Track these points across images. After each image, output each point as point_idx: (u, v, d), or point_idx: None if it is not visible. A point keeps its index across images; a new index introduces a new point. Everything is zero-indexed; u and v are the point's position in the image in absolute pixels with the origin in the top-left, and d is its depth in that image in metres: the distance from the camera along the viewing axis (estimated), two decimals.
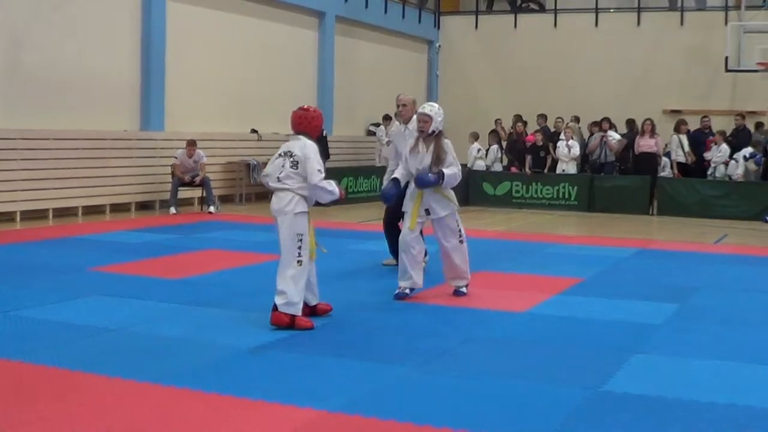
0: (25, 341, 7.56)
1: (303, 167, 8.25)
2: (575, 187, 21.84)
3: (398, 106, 11.52)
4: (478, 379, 6.59)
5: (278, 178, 8.35)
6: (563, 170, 22.13)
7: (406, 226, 9.81)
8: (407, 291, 9.72)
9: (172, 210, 18.65)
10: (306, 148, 8.35)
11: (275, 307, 8.16)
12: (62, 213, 17.69)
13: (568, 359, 7.30)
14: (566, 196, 21.92)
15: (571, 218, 20.50)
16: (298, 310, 8.19)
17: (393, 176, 10.05)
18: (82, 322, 8.34)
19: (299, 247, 8.26)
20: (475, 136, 24.01)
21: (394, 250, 11.45)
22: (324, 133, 22.85)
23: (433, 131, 9.64)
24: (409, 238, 9.72)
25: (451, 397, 6.17)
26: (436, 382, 6.53)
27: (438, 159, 9.61)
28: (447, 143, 9.75)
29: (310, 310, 8.55)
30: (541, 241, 15.55)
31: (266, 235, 14.56)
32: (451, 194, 9.94)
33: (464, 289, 9.98)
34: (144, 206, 19.72)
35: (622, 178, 22.01)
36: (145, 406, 5.85)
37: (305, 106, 8.73)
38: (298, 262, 8.24)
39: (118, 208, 18.99)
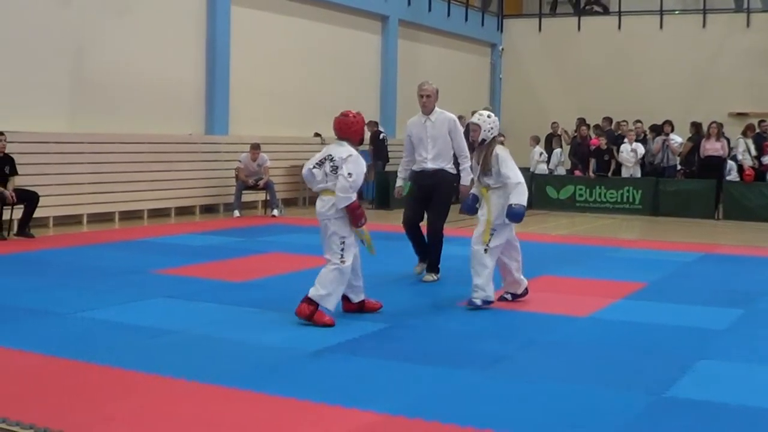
0: (90, 342, 7.65)
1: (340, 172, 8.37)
2: (639, 191, 21.65)
3: (421, 96, 11.00)
4: (539, 384, 6.55)
5: (319, 181, 8.52)
6: (630, 174, 21.93)
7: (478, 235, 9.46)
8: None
9: (236, 213, 18.78)
10: (345, 154, 8.44)
11: (304, 298, 8.38)
12: (128, 216, 17.90)
13: (630, 364, 7.23)
14: (630, 199, 21.74)
15: (635, 222, 20.32)
16: (327, 303, 8.36)
17: (471, 192, 9.81)
18: (145, 323, 8.43)
19: (342, 249, 8.43)
20: (536, 140, 23.93)
21: (420, 251, 11.46)
22: (382, 135, 22.91)
23: (484, 140, 9.38)
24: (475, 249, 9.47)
25: (511, 401, 6.15)
26: (496, 386, 6.51)
27: (485, 167, 9.35)
28: (497, 154, 9.31)
29: (358, 306, 8.79)
30: (605, 245, 15.43)
31: None
32: (493, 206, 9.42)
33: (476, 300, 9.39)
34: (208, 209, 19.88)
35: (687, 181, 21.77)
36: (208, 407, 5.90)
37: (346, 112, 8.75)
38: (342, 262, 8.42)
39: (182, 211, 19.17)
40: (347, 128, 8.64)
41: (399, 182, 11.65)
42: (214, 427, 5.55)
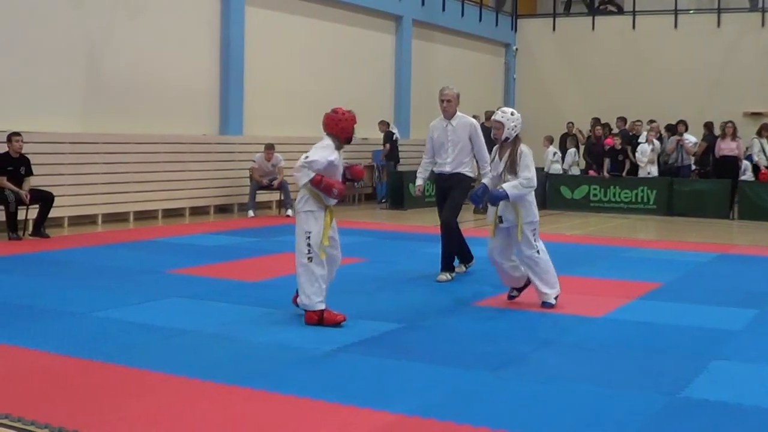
0: (105, 342, 7.67)
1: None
2: (654, 191, 21.60)
3: (442, 101, 11.15)
4: (553, 384, 6.54)
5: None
6: (648, 173, 21.87)
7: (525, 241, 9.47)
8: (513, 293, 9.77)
9: (251, 213, 18.82)
10: (316, 144, 8.46)
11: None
12: (142, 216, 17.95)
13: (645, 365, 7.21)
14: (645, 199, 21.70)
15: (650, 222, 20.28)
16: (318, 305, 8.35)
17: (482, 181, 9.79)
18: (160, 323, 8.45)
19: (308, 245, 8.36)
20: (550, 140, 23.91)
21: (461, 253, 11.54)
22: (395, 137, 22.90)
23: (507, 138, 9.34)
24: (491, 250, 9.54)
25: (526, 402, 6.14)
26: (511, 386, 6.50)
27: (512, 166, 9.26)
28: (522, 151, 9.33)
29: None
30: (619, 245, 15.40)
31: (344, 238, 14.61)
32: (524, 207, 9.40)
33: (553, 301, 9.54)
34: (222, 209, 19.92)
35: (702, 181, 21.71)
36: (222, 407, 5.91)
37: (336, 108, 8.71)
38: (308, 259, 8.36)
39: (197, 211, 19.22)
40: (334, 124, 8.59)
41: (419, 181, 11.71)
42: (228, 427, 5.56)
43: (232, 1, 20.13)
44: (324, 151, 8.37)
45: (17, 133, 14.50)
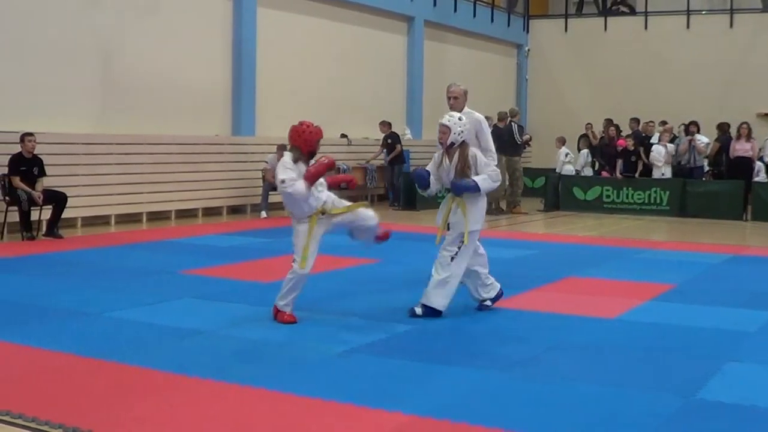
0: (118, 342, 7.69)
1: None
2: (667, 192, 21.54)
3: (449, 98, 10.72)
4: (567, 386, 6.53)
5: None
6: (662, 174, 21.82)
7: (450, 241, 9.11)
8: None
9: (263, 214, 18.84)
10: (279, 162, 8.72)
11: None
12: (155, 216, 17.98)
13: (659, 366, 7.20)
14: (658, 201, 21.63)
15: (663, 223, 20.23)
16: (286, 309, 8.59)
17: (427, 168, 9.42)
18: (173, 324, 8.46)
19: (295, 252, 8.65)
20: (562, 141, 23.88)
21: None
22: (406, 135, 22.73)
23: (453, 143, 9.01)
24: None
25: (540, 403, 6.13)
26: (524, 387, 6.49)
27: (462, 172, 8.94)
28: (475, 153, 9.08)
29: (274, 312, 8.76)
30: (632, 246, 15.36)
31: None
32: (470, 213, 9.02)
33: (418, 310, 9.00)
34: (235, 210, 19.95)
35: (715, 183, 21.65)
36: (235, 407, 5.91)
37: (303, 121, 8.80)
38: (301, 267, 8.60)
39: (209, 211, 19.25)
40: (297, 136, 8.69)
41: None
42: (241, 427, 5.57)
43: (245, 2, 20.16)
44: (286, 169, 8.53)
45: (30, 134, 14.53)
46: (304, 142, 8.65)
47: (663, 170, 21.87)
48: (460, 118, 9.08)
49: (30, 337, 7.76)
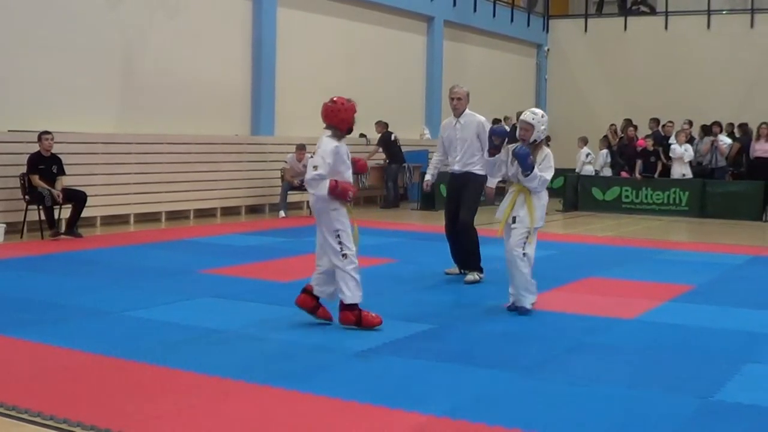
0: (137, 341, 7.71)
1: None
2: (686, 193, 21.47)
3: (452, 99, 11.21)
4: (586, 386, 6.51)
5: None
6: (683, 174, 21.73)
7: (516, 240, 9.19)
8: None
9: (282, 214, 18.87)
10: (320, 143, 8.22)
11: (341, 306, 8.26)
12: (174, 216, 18.03)
13: (678, 368, 7.17)
14: (677, 201, 21.57)
15: (682, 224, 20.17)
16: (357, 299, 8.23)
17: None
18: (192, 323, 8.48)
19: (339, 242, 8.21)
20: (585, 141, 23.81)
21: (456, 257, 11.38)
22: (393, 137, 22.55)
23: (535, 140, 9.11)
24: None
25: (558, 404, 6.11)
26: (543, 388, 6.48)
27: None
28: (546, 154, 9.15)
29: (313, 307, 8.43)
30: (652, 247, 15.31)
31: (374, 239, 14.64)
32: (539, 212, 9.19)
33: (524, 304, 9.22)
34: (254, 210, 19.98)
35: (735, 183, 21.56)
36: (254, 407, 5.92)
37: (335, 98, 8.42)
38: (343, 255, 8.19)
39: (228, 211, 19.29)
40: (334, 115, 8.34)
41: (428, 177, 11.85)
42: (259, 426, 5.57)
43: (264, 2, 20.20)
44: (324, 152, 8.16)
45: (47, 132, 14.58)
46: (341, 121, 8.34)
47: (683, 171, 21.77)
48: (543, 116, 9.16)
49: (50, 336, 7.79)
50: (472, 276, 11.00)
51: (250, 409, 5.89)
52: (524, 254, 9.08)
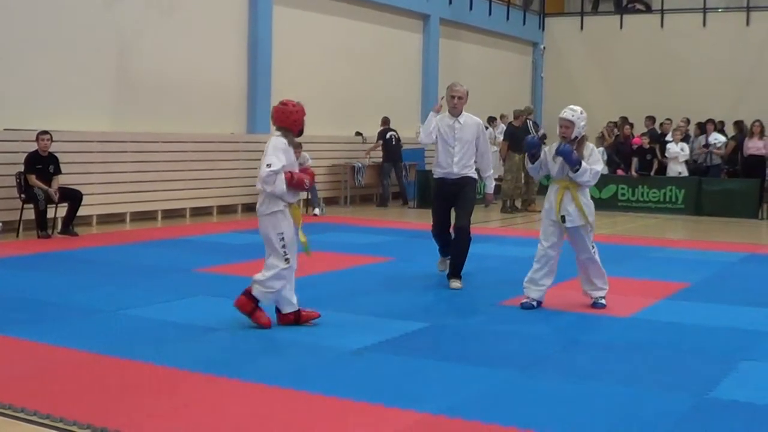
0: (133, 340, 7.71)
1: None
2: (682, 191, 21.48)
3: (453, 97, 10.66)
4: (581, 384, 6.53)
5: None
6: (679, 172, 21.74)
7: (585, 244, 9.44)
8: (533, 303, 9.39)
9: None
10: (269, 143, 8.21)
11: (247, 291, 8.25)
12: (170, 214, 18.02)
13: (673, 365, 7.19)
14: (673, 199, 21.58)
15: (678, 222, 20.18)
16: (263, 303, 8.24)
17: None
18: (188, 321, 8.49)
19: (283, 246, 8.21)
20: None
21: (443, 249, 11.01)
22: (389, 134, 22.45)
23: (576, 137, 9.13)
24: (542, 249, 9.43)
25: (554, 401, 6.12)
26: (538, 386, 6.49)
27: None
28: (591, 148, 9.31)
29: (294, 317, 8.35)
30: (647, 244, 15.33)
31: (371, 237, 14.67)
32: (588, 208, 9.42)
33: (603, 301, 9.51)
34: (250, 208, 19.91)
35: (730, 181, 21.59)
36: (250, 405, 5.93)
37: (285, 100, 8.48)
38: (286, 260, 8.20)
39: (224, 209, 19.28)
40: (285, 117, 8.38)
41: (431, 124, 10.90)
42: (255, 424, 5.58)
43: (260, 0, 20.17)
44: (277, 151, 8.16)
45: (45, 132, 14.57)
46: (293, 123, 8.38)
47: (679, 169, 21.78)
48: (582, 112, 9.17)
49: (45, 335, 7.79)
50: (458, 283, 10.52)
51: (245, 407, 5.90)
52: (593, 249, 9.45)
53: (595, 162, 9.24)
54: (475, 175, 10.71)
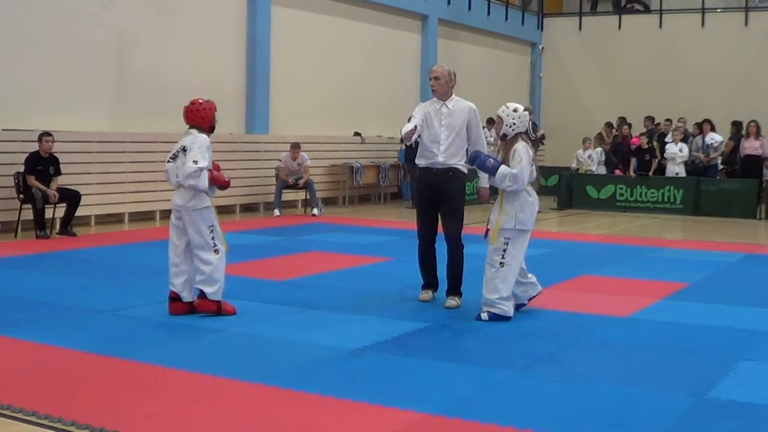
0: (132, 340, 7.71)
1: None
2: (681, 191, 21.48)
3: (430, 78, 9.44)
4: (580, 384, 6.53)
5: (178, 174, 8.85)
6: (676, 173, 21.74)
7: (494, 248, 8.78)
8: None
9: (276, 212, 18.85)
10: (195, 140, 8.69)
11: (202, 294, 8.64)
12: (169, 215, 17.92)
13: (672, 365, 7.19)
14: (671, 199, 21.58)
15: (676, 222, 20.18)
16: (217, 296, 8.65)
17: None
18: (187, 322, 8.48)
19: (213, 237, 8.75)
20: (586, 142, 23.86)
21: (430, 280, 9.93)
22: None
23: (505, 135, 8.77)
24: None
25: (552, 402, 6.12)
26: (537, 386, 6.49)
27: (505, 163, 8.66)
28: (518, 149, 8.62)
29: (188, 307, 8.75)
30: (646, 245, 15.33)
31: (370, 237, 14.66)
32: (512, 211, 8.68)
33: (484, 315, 8.74)
34: (248, 208, 19.96)
35: (729, 181, 21.60)
36: (248, 405, 5.93)
37: (194, 100, 8.90)
38: (215, 251, 8.70)
39: (223, 210, 19.22)
40: (194, 115, 8.83)
41: (411, 125, 9.30)
42: (253, 425, 5.58)
43: (258, 0, 20.17)
44: (203, 149, 8.77)
45: (48, 133, 14.57)
46: (202, 120, 8.83)
47: (677, 170, 21.78)
48: (515, 110, 8.75)
49: (44, 335, 7.79)
50: (454, 301, 9.47)
51: (243, 407, 5.90)
52: (501, 263, 8.67)
53: (516, 164, 8.58)
54: (465, 169, 9.52)
